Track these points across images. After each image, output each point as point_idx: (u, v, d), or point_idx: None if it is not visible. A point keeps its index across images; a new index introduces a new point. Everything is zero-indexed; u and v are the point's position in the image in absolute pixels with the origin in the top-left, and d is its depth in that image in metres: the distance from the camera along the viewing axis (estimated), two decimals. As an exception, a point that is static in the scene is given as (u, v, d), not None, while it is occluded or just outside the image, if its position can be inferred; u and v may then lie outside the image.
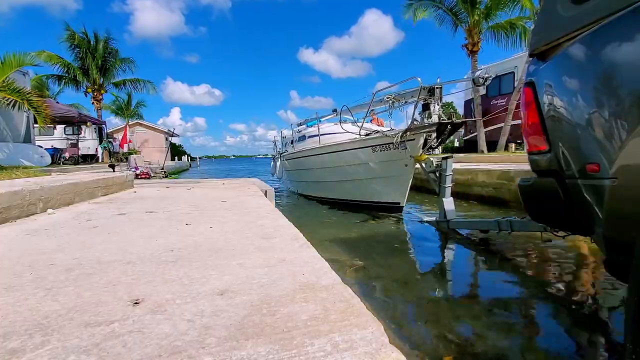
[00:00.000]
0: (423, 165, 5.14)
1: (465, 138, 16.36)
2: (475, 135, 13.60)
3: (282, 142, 11.63)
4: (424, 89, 5.11)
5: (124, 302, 0.97)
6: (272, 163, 12.56)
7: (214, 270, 1.23)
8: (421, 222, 5.06)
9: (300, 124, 10.21)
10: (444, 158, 4.80)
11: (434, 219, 4.85)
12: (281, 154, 10.36)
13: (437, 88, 5.11)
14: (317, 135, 7.58)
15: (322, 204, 7.68)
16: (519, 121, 12.04)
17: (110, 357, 0.70)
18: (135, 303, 0.95)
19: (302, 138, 9.02)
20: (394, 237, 4.76)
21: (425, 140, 5.19)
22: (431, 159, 5.09)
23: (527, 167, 1.70)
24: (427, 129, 5.05)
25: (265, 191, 4.45)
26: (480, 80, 4.51)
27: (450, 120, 4.81)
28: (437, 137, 5.03)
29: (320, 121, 8.14)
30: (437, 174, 4.86)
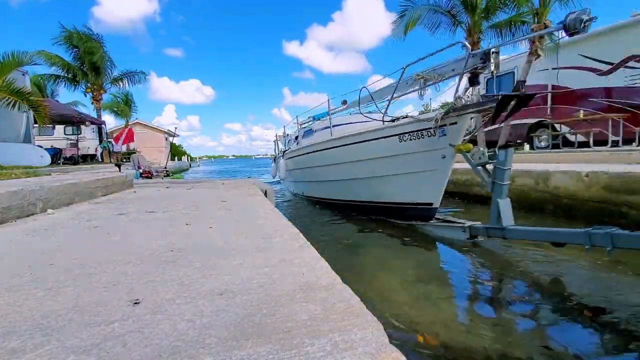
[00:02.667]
0: (469, 156, 3.99)
1: (464, 138, 16.35)
2: (475, 135, 13.61)
3: (284, 141, 10.61)
4: (472, 56, 4.05)
5: (124, 302, 0.97)
6: (272, 164, 11.38)
7: (213, 270, 1.23)
8: (463, 229, 4.07)
9: (304, 121, 9.24)
10: (500, 147, 3.72)
11: (479, 224, 3.98)
12: (284, 152, 9.16)
13: (493, 52, 3.90)
14: (329, 127, 6.42)
15: (332, 209, 6.76)
16: (519, 121, 11.98)
17: (110, 357, 0.70)
18: (135, 303, 0.95)
19: (309, 132, 7.85)
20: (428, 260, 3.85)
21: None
22: (480, 148, 3.94)
23: (530, 166, 1.67)
24: (482, 107, 3.77)
25: (265, 191, 4.44)
26: (578, 23, 2.96)
27: (518, 93, 3.49)
28: (493, 118, 3.87)
29: (328, 114, 6.95)
30: (491, 168, 3.80)
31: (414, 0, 12.90)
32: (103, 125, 17.02)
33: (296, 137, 8.88)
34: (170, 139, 31.49)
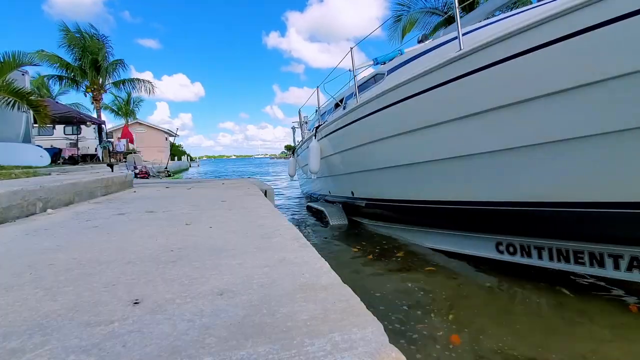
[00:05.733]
0: None
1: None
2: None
3: (316, 118, 6.76)
4: None
5: (124, 302, 0.97)
6: (290, 160, 9.11)
7: (213, 270, 1.23)
8: None
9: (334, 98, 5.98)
10: None
11: None
12: (316, 129, 5.70)
13: None
14: (449, 41, 3.44)
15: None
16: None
17: (110, 357, 0.70)
18: (135, 303, 0.95)
19: (371, 83, 4.60)
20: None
21: None
22: None
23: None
24: None
25: (265, 191, 4.45)
26: None
27: None
28: None
29: (402, 52, 4.53)
30: None
31: (409, 5, 12.74)
32: (103, 125, 17.02)
33: (337, 105, 5.72)
34: (171, 138, 31.53)
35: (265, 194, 4.31)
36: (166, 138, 31.77)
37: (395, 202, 4.06)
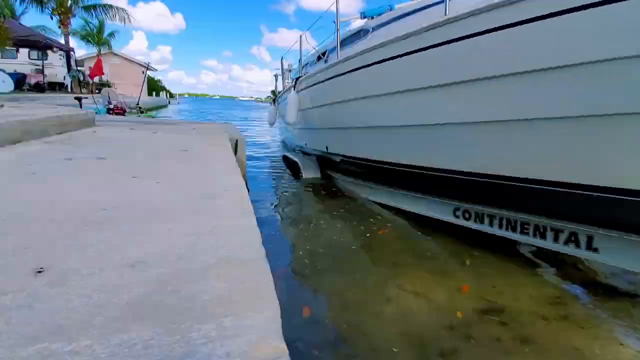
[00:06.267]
0: None
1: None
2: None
3: (298, 68, 6.89)
4: None
5: (28, 269, 0.94)
6: (270, 107, 8.76)
7: (139, 235, 1.20)
8: None
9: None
10: None
11: None
12: (296, 81, 5.59)
13: None
14: (414, 13, 3.65)
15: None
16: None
17: (-14, 336, 0.68)
18: (38, 272, 0.92)
19: (355, 39, 4.66)
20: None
21: None
22: None
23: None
24: None
25: (236, 140, 4.33)
26: None
27: None
28: None
29: (392, 8, 4.41)
30: None
31: None
32: (72, 52, 15.79)
33: (319, 57, 5.60)
34: (147, 71, 29.76)
35: (236, 144, 4.21)
36: (143, 71, 30.00)
37: (366, 161, 4.15)
